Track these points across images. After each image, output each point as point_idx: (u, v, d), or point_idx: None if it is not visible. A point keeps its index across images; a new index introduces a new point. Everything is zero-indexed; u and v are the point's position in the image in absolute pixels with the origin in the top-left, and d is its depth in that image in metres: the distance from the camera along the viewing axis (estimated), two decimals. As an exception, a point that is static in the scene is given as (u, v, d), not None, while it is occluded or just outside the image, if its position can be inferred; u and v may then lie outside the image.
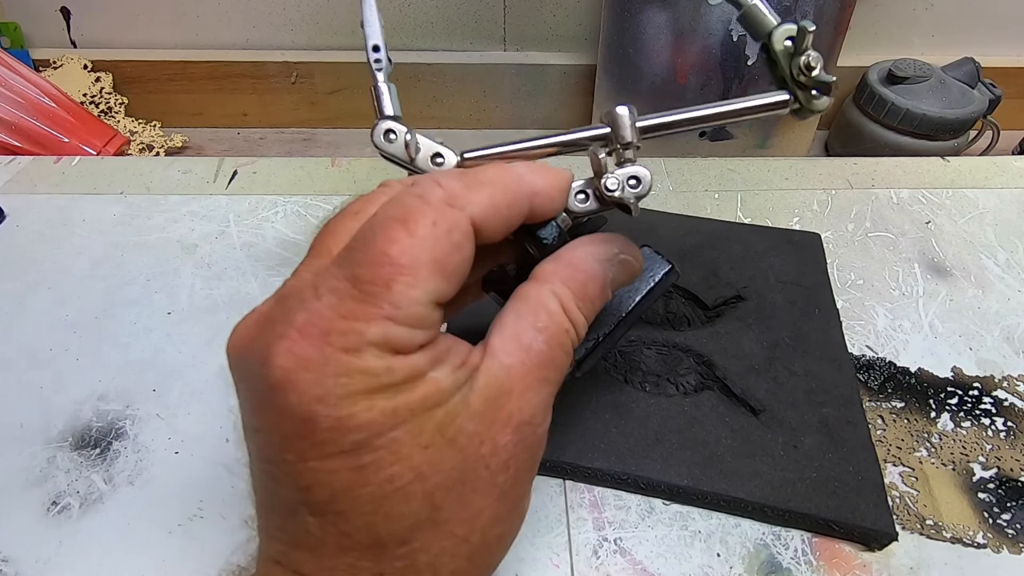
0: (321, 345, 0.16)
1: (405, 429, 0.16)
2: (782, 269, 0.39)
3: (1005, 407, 0.34)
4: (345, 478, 0.16)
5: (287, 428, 0.16)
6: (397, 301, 0.16)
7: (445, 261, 0.17)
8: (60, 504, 0.30)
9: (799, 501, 0.29)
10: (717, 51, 0.59)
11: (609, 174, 0.22)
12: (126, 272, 0.40)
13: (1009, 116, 0.67)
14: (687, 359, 0.34)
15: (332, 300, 0.16)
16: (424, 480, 0.17)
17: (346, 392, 0.16)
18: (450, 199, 0.18)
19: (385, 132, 0.25)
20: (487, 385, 0.18)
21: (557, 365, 0.19)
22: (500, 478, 0.18)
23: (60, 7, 0.67)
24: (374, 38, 0.26)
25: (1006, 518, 0.30)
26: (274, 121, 0.72)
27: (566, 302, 0.19)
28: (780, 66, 0.24)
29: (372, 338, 0.16)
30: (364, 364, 0.16)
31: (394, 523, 0.17)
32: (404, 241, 0.17)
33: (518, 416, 0.18)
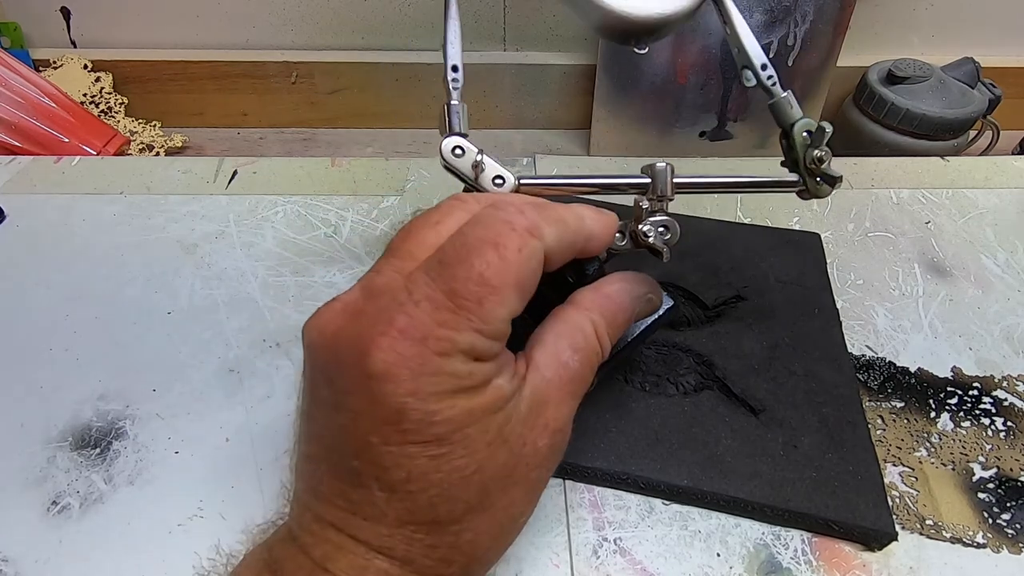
0: (419, 347, 0.18)
1: (476, 427, 0.19)
2: (782, 269, 0.39)
3: (1005, 407, 0.34)
4: (422, 464, 0.19)
5: (377, 414, 0.18)
6: (486, 316, 0.19)
7: (524, 283, 0.20)
8: (60, 504, 0.30)
9: (799, 501, 0.29)
10: (717, 51, 0.59)
11: (645, 222, 0.26)
12: (126, 272, 0.40)
13: (1009, 116, 0.67)
14: (687, 359, 0.34)
15: (429, 308, 0.19)
16: (483, 472, 0.19)
17: (435, 390, 0.18)
18: (532, 229, 0.20)
19: (453, 148, 0.27)
20: (531, 394, 0.20)
21: (584, 382, 0.22)
22: (533, 474, 0.21)
23: (60, 7, 0.67)
24: (454, 59, 0.28)
25: (1006, 518, 0.30)
26: (274, 121, 0.72)
27: (599, 329, 0.22)
28: (796, 152, 0.28)
29: (462, 346, 0.19)
30: (452, 368, 0.19)
31: (453, 506, 0.19)
32: (496, 264, 0.19)
33: (553, 424, 0.21)
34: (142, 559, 0.28)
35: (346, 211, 0.45)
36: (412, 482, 0.19)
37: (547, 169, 0.49)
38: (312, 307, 0.37)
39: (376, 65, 0.68)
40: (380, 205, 0.46)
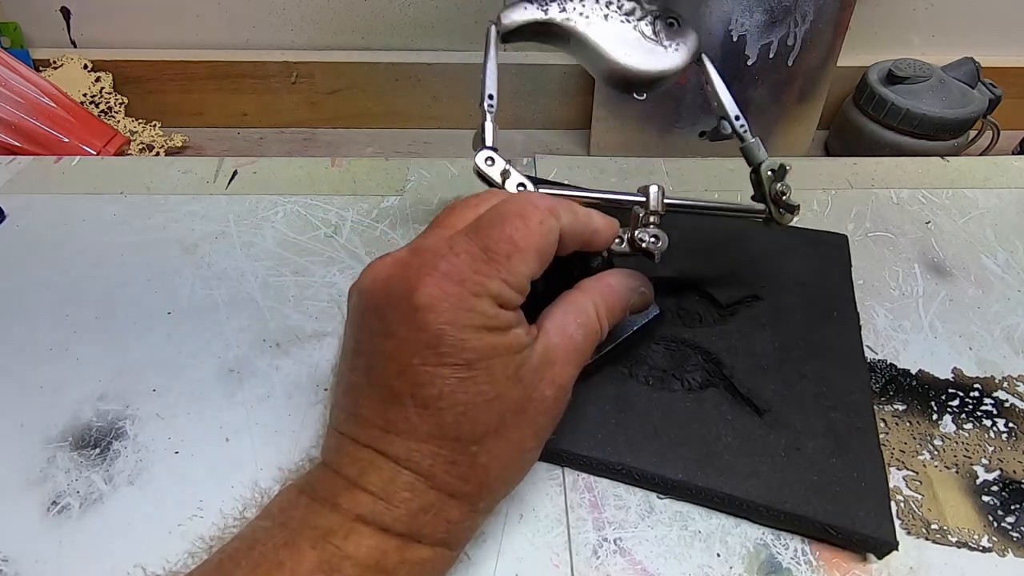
0: (458, 287, 0.22)
1: (499, 360, 0.23)
2: (803, 270, 0.38)
3: (1006, 408, 0.34)
4: (452, 384, 0.22)
5: (420, 339, 0.22)
6: (512, 270, 0.23)
7: (544, 250, 0.24)
8: (60, 504, 0.30)
9: (797, 503, 0.28)
10: (717, 51, 0.59)
11: (641, 230, 0.30)
12: (126, 272, 0.40)
13: (1009, 116, 0.67)
14: (695, 356, 0.34)
15: (468, 259, 0.23)
16: (501, 400, 0.23)
17: (468, 323, 0.22)
18: (551, 209, 0.25)
19: (486, 159, 0.31)
20: (542, 351, 0.24)
21: (584, 354, 0.26)
22: (540, 419, 0.25)
23: (60, 7, 0.67)
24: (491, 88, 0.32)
25: (1010, 521, 0.30)
26: (274, 121, 0.72)
27: (600, 311, 0.27)
28: (763, 186, 0.34)
29: (492, 290, 0.23)
30: (483, 307, 0.22)
31: (474, 426, 0.23)
32: (522, 230, 0.24)
33: (558, 380, 0.25)
34: (142, 559, 0.28)
35: (346, 211, 0.45)
36: (443, 399, 0.22)
37: (547, 169, 0.49)
38: (312, 307, 0.37)
39: (376, 65, 0.68)
40: (380, 205, 0.46)
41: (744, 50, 0.58)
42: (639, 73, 0.34)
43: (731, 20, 0.56)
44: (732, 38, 0.57)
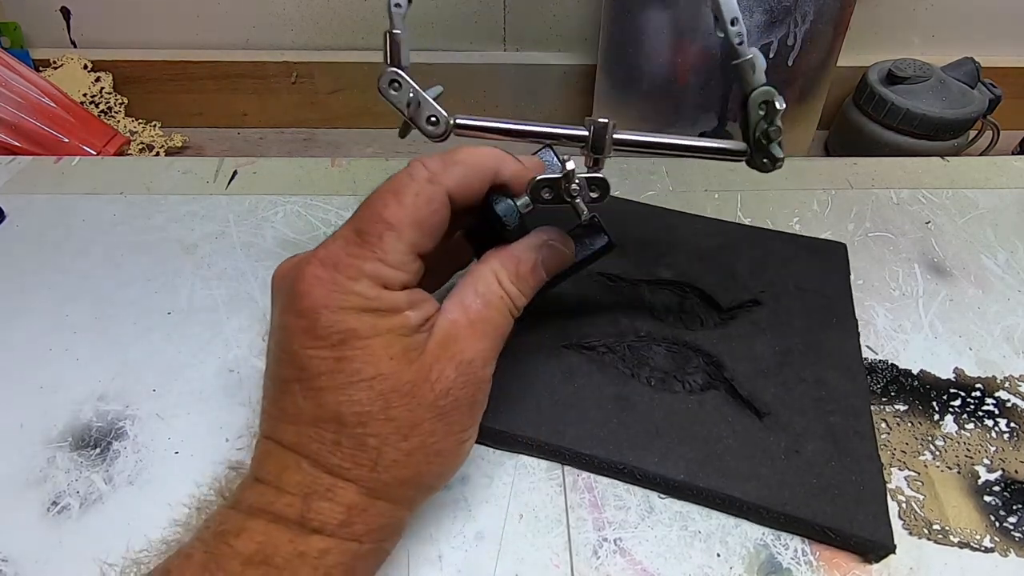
0: (332, 271, 0.23)
1: (379, 340, 0.22)
2: (803, 277, 0.38)
3: (1008, 408, 0.34)
4: (329, 364, 0.22)
5: (299, 325, 0.23)
6: (386, 248, 0.23)
7: (424, 222, 0.24)
8: (60, 504, 0.30)
9: (796, 505, 0.29)
10: (717, 51, 0.59)
11: (573, 178, 0.26)
12: (126, 272, 0.40)
13: (1009, 116, 0.67)
14: (696, 358, 0.34)
15: (342, 243, 0.23)
16: (384, 380, 0.22)
17: (343, 304, 0.22)
18: (431, 177, 0.24)
19: (390, 81, 0.26)
20: (438, 331, 0.24)
21: (494, 323, 0.25)
22: (442, 401, 0.24)
23: (60, 7, 0.67)
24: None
25: (1012, 521, 0.30)
26: (274, 121, 0.72)
27: (501, 277, 0.26)
28: (749, 123, 0.28)
29: (367, 272, 0.23)
30: (360, 288, 0.23)
31: (355, 407, 0.22)
32: (393, 207, 0.23)
33: (459, 356, 0.24)
34: (142, 559, 0.28)
35: (346, 211, 0.45)
36: (321, 379, 0.22)
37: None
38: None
39: (376, 65, 0.68)
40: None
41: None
42: None
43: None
44: (732, 38, 0.57)
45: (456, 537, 0.29)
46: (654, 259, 0.39)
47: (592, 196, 0.27)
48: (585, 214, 0.27)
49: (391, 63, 0.27)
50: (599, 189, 0.27)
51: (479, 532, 0.29)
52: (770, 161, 0.29)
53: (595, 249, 0.30)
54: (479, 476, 0.31)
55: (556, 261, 0.28)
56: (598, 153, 0.27)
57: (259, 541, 0.22)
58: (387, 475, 0.23)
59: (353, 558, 0.23)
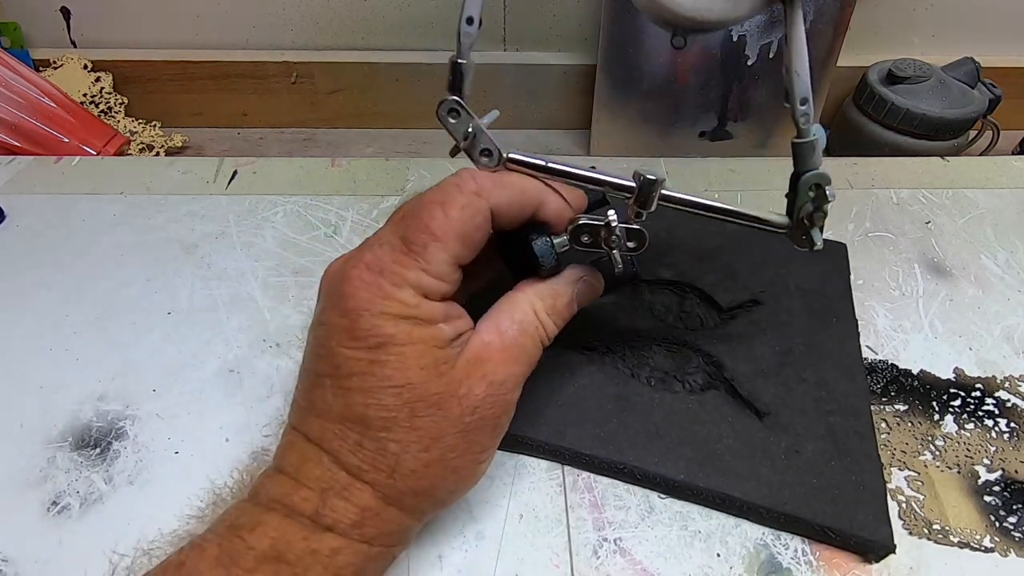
0: (377, 276, 0.23)
1: (413, 348, 0.23)
2: (803, 276, 0.38)
3: (1008, 408, 0.34)
4: (363, 366, 0.23)
5: (340, 324, 0.23)
6: (430, 258, 0.23)
7: (467, 235, 0.24)
8: (60, 504, 0.30)
9: (796, 505, 0.29)
10: (717, 51, 0.59)
11: (614, 229, 0.26)
12: (126, 272, 0.40)
13: (1009, 116, 0.67)
14: (696, 358, 0.34)
15: (388, 249, 0.24)
16: (412, 389, 0.23)
17: (384, 309, 0.23)
18: (479, 191, 0.25)
19: (450, 110, 0.26)
20: (471, 350, 0.24)
21: (526, 351, 0.26)
22: (467, 418, 0.24)
23: (60, 7, 0.67)
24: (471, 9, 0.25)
25: (1012, 521, 0.30)
26: (274, 121, 0.72)
27: (537, 308, 0.26)
28: (797, 202, 0.28)
29: (410, 280, 0.23)
30: (402, 295, 0.23)
31: (381, 411, 0.23)
32: (440, 218, 0.24)
33: (491, 376, 0.24)
34: (142, 559, 0.28)
35: (346, 211, 0.45)
36: (352, 379, 0.23)
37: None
38: (312, 307, 0.37)
39: (376, 65, 0.68)
40: (380, 205, 0.46)
41: (744, 50, 0.58)
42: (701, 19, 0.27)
43: (731, 20, 0.56)
44: (732, 38, 0.57)
45: (456, 537, 0.29)
46: (654, 259, 0.39)
47: (629, 247, 0.27)
48: (619, 266, 0.27)
49: (452, 91, 0.26)
50: (636, 241, 0.27)
51: (479, 532, 0.29)
52: (808, 245, 0.29)
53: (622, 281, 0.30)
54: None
55: (588, 296, 0.29)
56: (642, 208, 0.27)
57: (273, 536, 0.22)
58: (403, 483, 0.23)
59: (364, 560, 0.23)
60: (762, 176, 0.49)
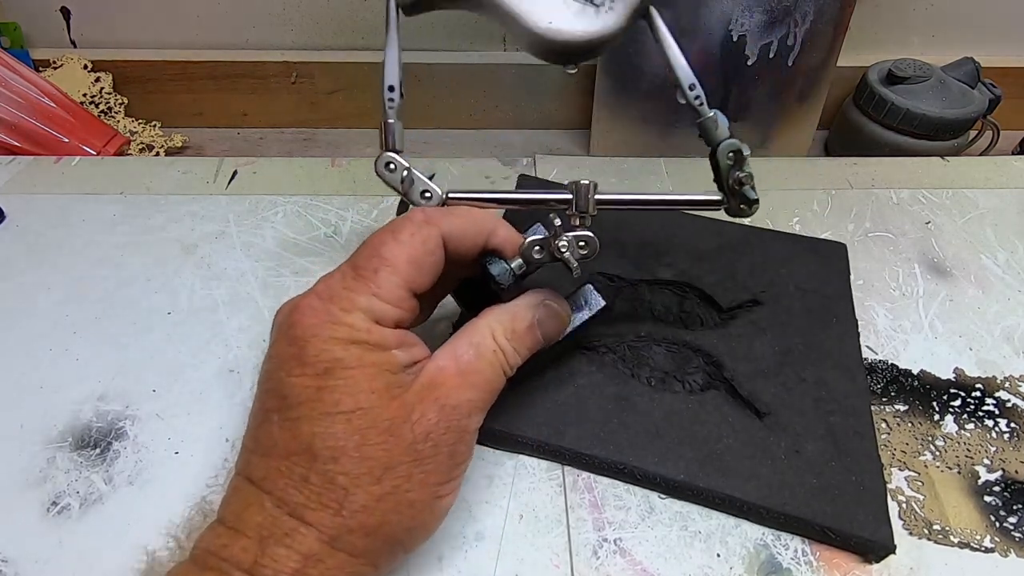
0: (327, 303, 0.23)
1: (363, 371, 0.22)
2: (803, 277, 0.38)
3: (1008, 408, 0.34)
4: (310, 393, 0.22)
5: (288, 352, 0.23)
6: (381, 283, 0.23)
7: (419, 259, 0.24)
8: (60, 504, 0.30)
9: (796, 505, 0.29)
10: (717, 51, 0.59)
11: (561, 236, 0.27)
12: (126, 272, 0.40)
13: (1009, 116, 0.67)
14: (696, 358, 0.34)
15: (339, 277, 0.24)
16: (363, 415, 0.22)
17: (333, 335, 0.23)
18: (428, 219, 0.25)
19: (386, 164, 0.29)
20: (426, 375, 0.24)
21: (484, 376, 0.25)
22: (420, 444, 0.23)
23: (60, 7, 0.67)
24: (391, 79, 0.29)
25: (1013, 521, 0.30)
26: (274, 121, 0.72)
27: (496, 331, 0.26)
28: (721, 174, 0.30)
29: (361, 305, 0.23)
30: (351, 320, 0.23)
31: (329, 440, 0.22)
32: (390, 243, 0.24)
33: (444, 400, 0.24)
34: (142, 559, 0.28)
35: (346, 211, 0.45)
36: (300, 408, 0.22)
37: (547, 169, 0.49)
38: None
39: (376, 65, 0.68)
40: (380, 205, 0.46)
41: (744, 50, 0.58)
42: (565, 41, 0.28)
43: (731, 20, 0.56)
44: (732, 38, 0.57)
45: (456, 537, 0.29)
46: (654, 259, 0.39)
47: (581, 252, 0.28)
48: (575, 269, 0.27)
49: (387, 148, 0.29)
50: (587, 245, 0.28)
51: (479, 532, 0.29)
52: (746, 205, 0.30)
53: (592, 313, 0.31)
54: (479, 476, 0.31)
55: (552, 322, 0.28)
56: (582, 212, 0.28)
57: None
58: (353, 520, 0.22)
59: None
60: (762, 176, 0.49)
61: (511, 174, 0.49)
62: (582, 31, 0.28)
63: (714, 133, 0.30)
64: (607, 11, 0.28)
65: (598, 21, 0.28)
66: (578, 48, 0.29)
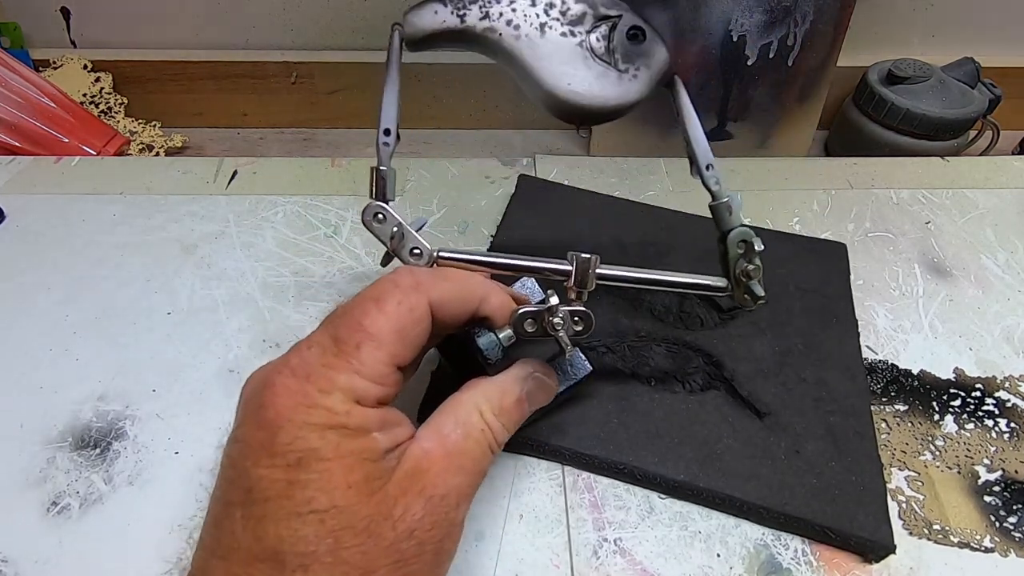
0: (303, 382, 0.20)
1: (340, 463, 0.20)
2: (803, 277, 0.38)
3: (1008, 408, 0.34)
4: (279, 487, 0.19)
5: (257, 438, 0.20)
6: (363, 359, 0.21)
7: (405, 331, 0.22)
8: (60, 504, 0.30)
9: (796, 505, 0.29)
10: (717, 51, 0.58)
11: (557, 312, 0.25)
12: (126, 272, 0.40)
13: (1009, 116, 0.67)
14: (696, 359, 0.34)
15: (318, 351, 0.21)
16: (338, 514, 0.19)
17: (309, 420, 0.20)
18: (416, 284, 0.23)
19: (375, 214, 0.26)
20: (408, 460, 0.21)
21: (472, 457, 0.23)
22: (403, 544, 0.20)
23: (60, 7, 0.67)
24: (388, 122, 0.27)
25: (1012, 521, 0.30)
26: (274, 121, 0.72)
27: (483, 409, 0.24)
28: (729, 261, 0.28)
29: (341, 384, 0.20)
30: (330, 403, 0.20)
31: (299, 544, 0.19)
32: (374, 315, 0.22)
33: (431, 490, 0.21)
34: (142, 559, 0.28)
35: (346, 211, 0.45)
36: (267, 505, 0.19)
37: (547, 169, 0.49)
38: (312, 307, 0.37)
39: (376, 65, 0.68)
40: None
41: (744, 50, 0.58)
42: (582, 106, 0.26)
43: (731, 20, 0.56)
44: (732, 38, 0.57)
45: (456, 537, 0.29)
46: (654, 259, 0.39)
47: (576, 329, 0.26)
48: (569, 348, 0.25)
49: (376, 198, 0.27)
50: (583, 322, 0.26)
51: (479, 532, 0.29)
52: (751, 299, 0.28)
53: (578, 379, 0.30)
54: (479, 476, 0.31)
55: (541, 395, 0.26)
56: (582, 287, 0.26)
57: None
58: None
59: None
60: (762, 176, 0.49)
61: (511, 174, 0.49)
62: (601, 97, 0.26)
63: (727, 219, 0.28)
64: (631, 79, 0.26)
65: (619, 88, 0.26)
66: (594, 115, 0.27)
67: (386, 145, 0.27)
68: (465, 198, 0.47)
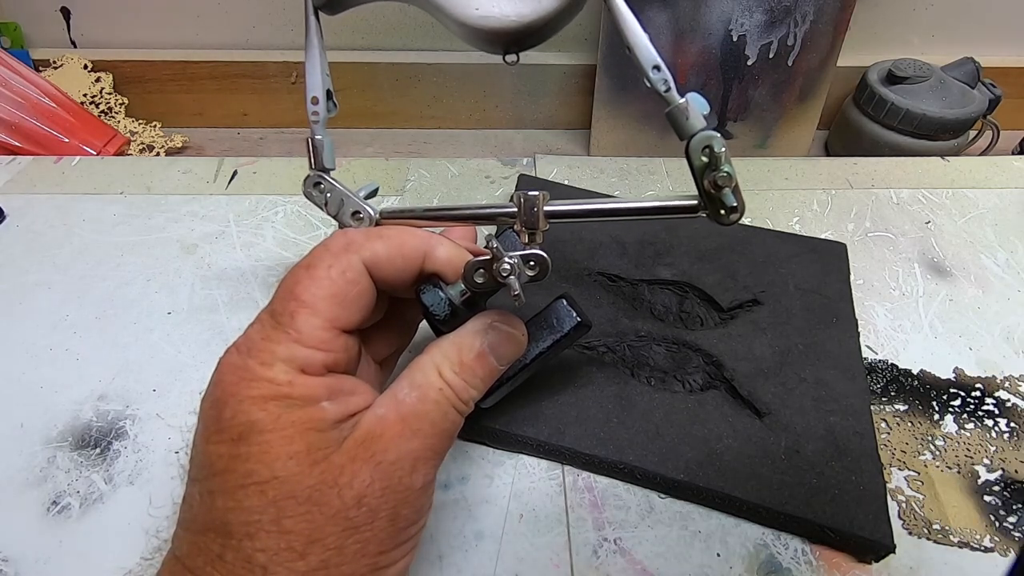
0: (245, 358, 0.21)
1: (279, 435, 0.20)
2: (803, 277, 0.38)
3: (1008, 408, 0.34)
4: (224, 463, 0.20)
5: (209, 416, 0.21)
6: (300, 327, 0.21)
7: (341, 294, 0.22)
8: (60, 504, 0.30)
9: (796, 505, 0.29)
10: (717, 51, 0.59)
11: (505, 258, 0.23)
12: (126, 272, 0.40)
13: (1009, 116, 0.67)
14: (696, 358, 0.34)
15: (257, 327, 0.22)
16: (279, 485, 0.19)
17: (252, 393, 0.20)
18: (347, 245, 0.23)
19: (315, 184, 0.26)
20: (360, 428, 0.21)
21: (430, 419, 0.22)
22: (352, 511, 0.20)
23: (60, 7, 0.67)
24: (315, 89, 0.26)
25: (1012, 520, 0.30)
26: (274, 121, 0.72)
27: (442, 368, 0.23)
28: (695, 172, 0.25)
29: (281, 355, 0.21)
30: (271, 374, 0.20)
31: (243, 514, 0.19)
32: (305, 282, 0.22)
33: (381, 456, 0.21)
34: (142, 559, 0.28)
35: (346, 211, 0.45)
36: (215, 480, 0.20)
37: (547, 169, 0.49)
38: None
39: (376, 65, 0.68)
40: (380, 205, 0.46)
41: (744, 50, 0.58)
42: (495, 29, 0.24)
43: (731, 20, 0.56)
44: (732, 38, 0.57)
45: (456, 537, 0.29)
46: (654, 259, 0.39)
47: (530, 275, 0.24)
48: (520, 295, 0.23)
49: (316, 167, 0.27)
50: (538, 267, 0.24)
51: (479, 532, 0.29)
52: (726, 211, 0.25)
53: (564, 332, 0.27)
54: (479, 476, 0.31)
55: (508, 346, 0.25)
56: (531, 228, 0.24)
57: None
58: None
59: None
60: (762, 176, 0.49)
61: (511, 174, 0.49)
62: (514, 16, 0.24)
63: (684, 124, 0.24)
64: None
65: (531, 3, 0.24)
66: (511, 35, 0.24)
67: (315, 115, 0.26)
68: (465, 198, 0.47)
